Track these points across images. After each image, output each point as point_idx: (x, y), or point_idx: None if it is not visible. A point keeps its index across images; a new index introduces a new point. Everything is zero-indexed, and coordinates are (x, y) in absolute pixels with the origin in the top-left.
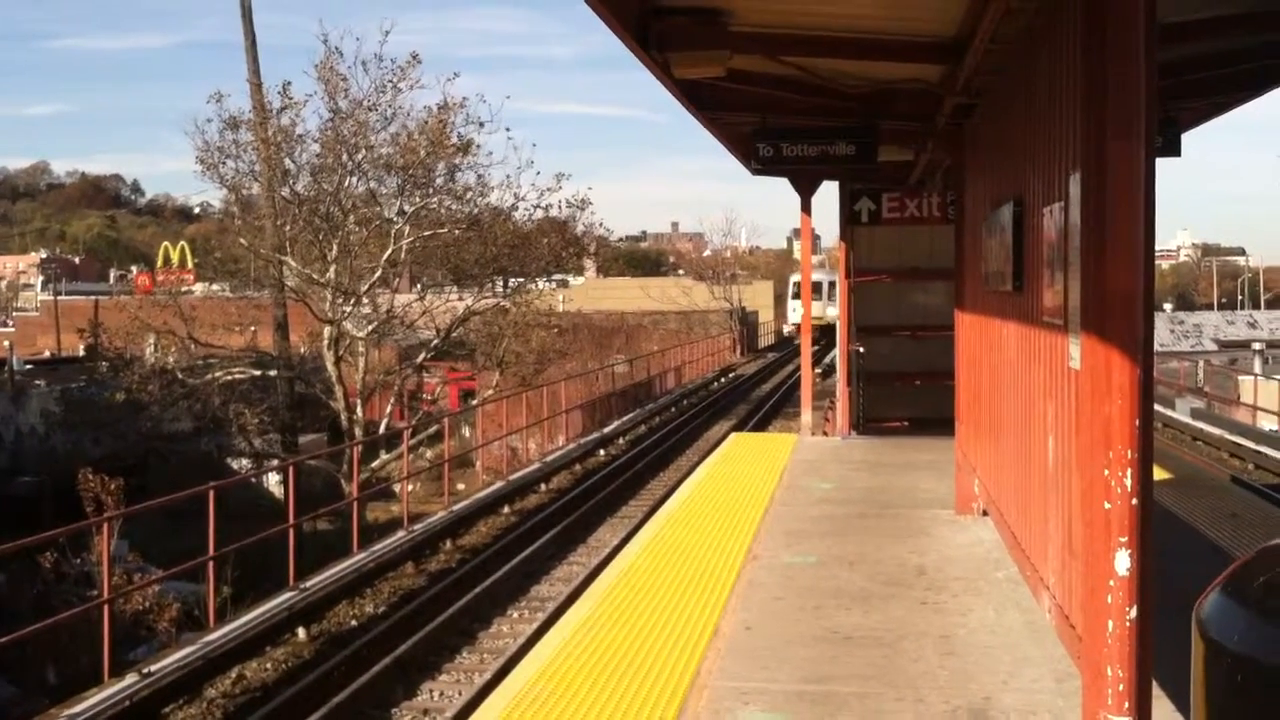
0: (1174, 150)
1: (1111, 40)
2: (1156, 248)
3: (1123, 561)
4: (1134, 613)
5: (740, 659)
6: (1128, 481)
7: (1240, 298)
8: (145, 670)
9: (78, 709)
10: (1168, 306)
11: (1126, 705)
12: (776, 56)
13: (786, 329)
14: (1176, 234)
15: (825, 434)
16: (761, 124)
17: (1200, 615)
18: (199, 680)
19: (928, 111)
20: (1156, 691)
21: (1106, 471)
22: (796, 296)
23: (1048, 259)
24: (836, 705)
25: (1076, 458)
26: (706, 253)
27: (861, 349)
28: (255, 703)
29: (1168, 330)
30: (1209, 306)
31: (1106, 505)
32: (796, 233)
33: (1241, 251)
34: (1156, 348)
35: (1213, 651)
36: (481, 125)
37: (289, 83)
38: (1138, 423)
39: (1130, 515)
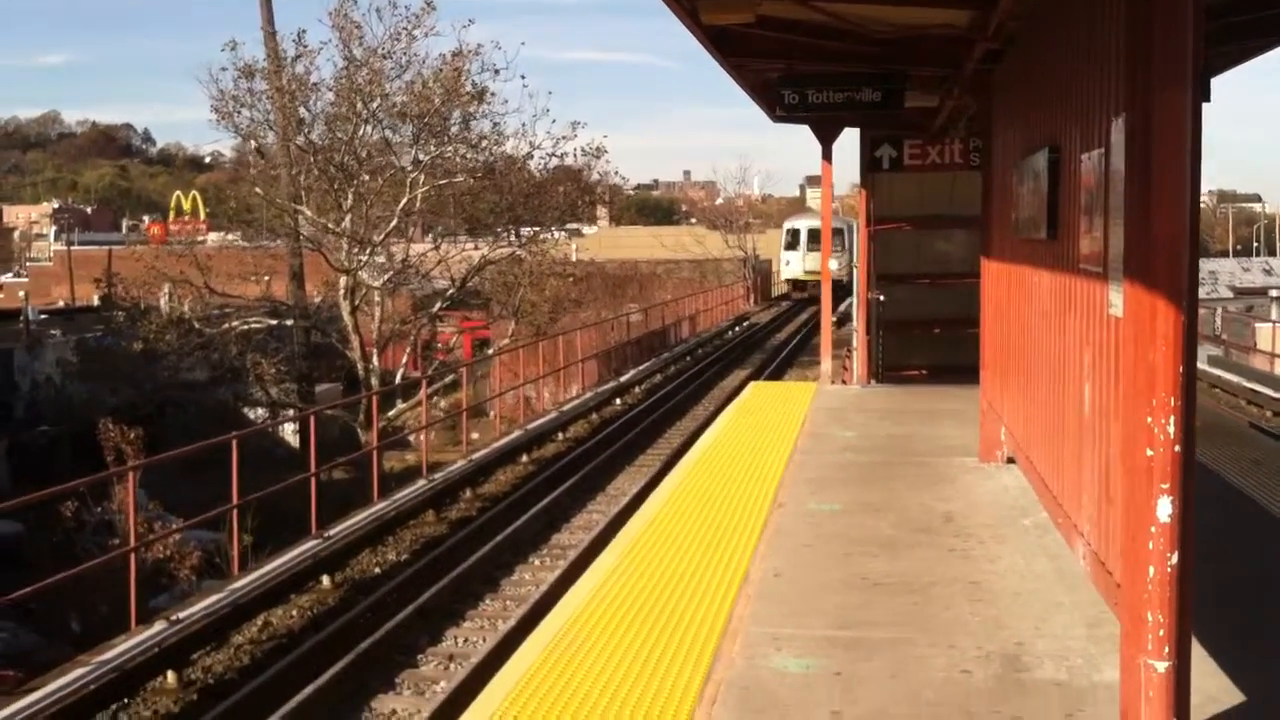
0: (1204, 96)
1: None
2: (1204, 197)
3: (1164, 508)
4: (1175, 559)
5: (771, 605)
6: (1170, 429)
7: (1256, 244)
8: (174, 617)
9: (108, 655)
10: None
11: (1166, 650)
12: (806, 2)
13: (780, 285)
14: None
15: (844, 382)
16: (787, 70)
17: None
18: (226, 627)
19: (956, 57)
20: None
21: (1149, 419)
22: (791, 247)
23: (1085, 206)
24: (869, 650)
25: (1118, 405)
26: (719, 201)
27: (881, 297)
28: (282, 649)
29: None
30: (1224, 253)
31: (1149, 452)
32: (810, 180)
33: (1258, 198)
34: None
35: None
36: (497, 73)
37: (304, 30)
38: (1181, 369)
39: (1173, 462)
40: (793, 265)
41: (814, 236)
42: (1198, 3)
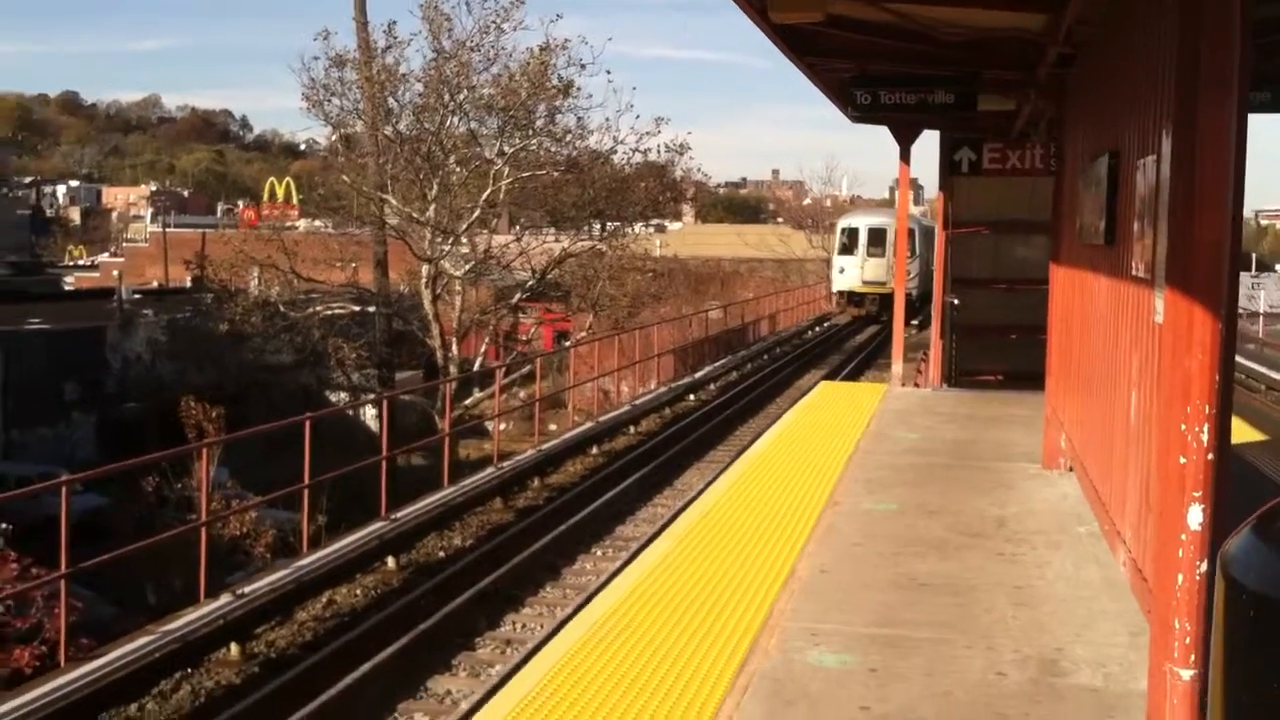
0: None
1: None
2: (1272, 207)
3: (1195, 516)
4: (1204, 567)
5: (814, 601)
6: (1204, 436)
7: None
8: (239, 591)
9: (174, 625)
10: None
11: (1192, 658)
12: (876, 2)
13: (834, 298)
14: None
15: (917, 385)
16: (860, 71)
17: (1224, 556)
18: (290, 603)
19: (1029, 61)
20: None
21: (1183, 426)
22: (847, 250)
23: (1139, 212)
24: (907, 649)
25: (1156, 412)
26: (806, 201)
27: (956, 301)
28: (343, 626)
29: (1279, 291)
30: None
31: (1182, 460)
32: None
33: None
34: (1266, 308)
35: (1232, 590)
36: (583, 67)
37: (394, 22)
38: (1217, 378)
39: (1205, 470)
40: (848, 273)
41: (877, 238)
42: (1245, 17)
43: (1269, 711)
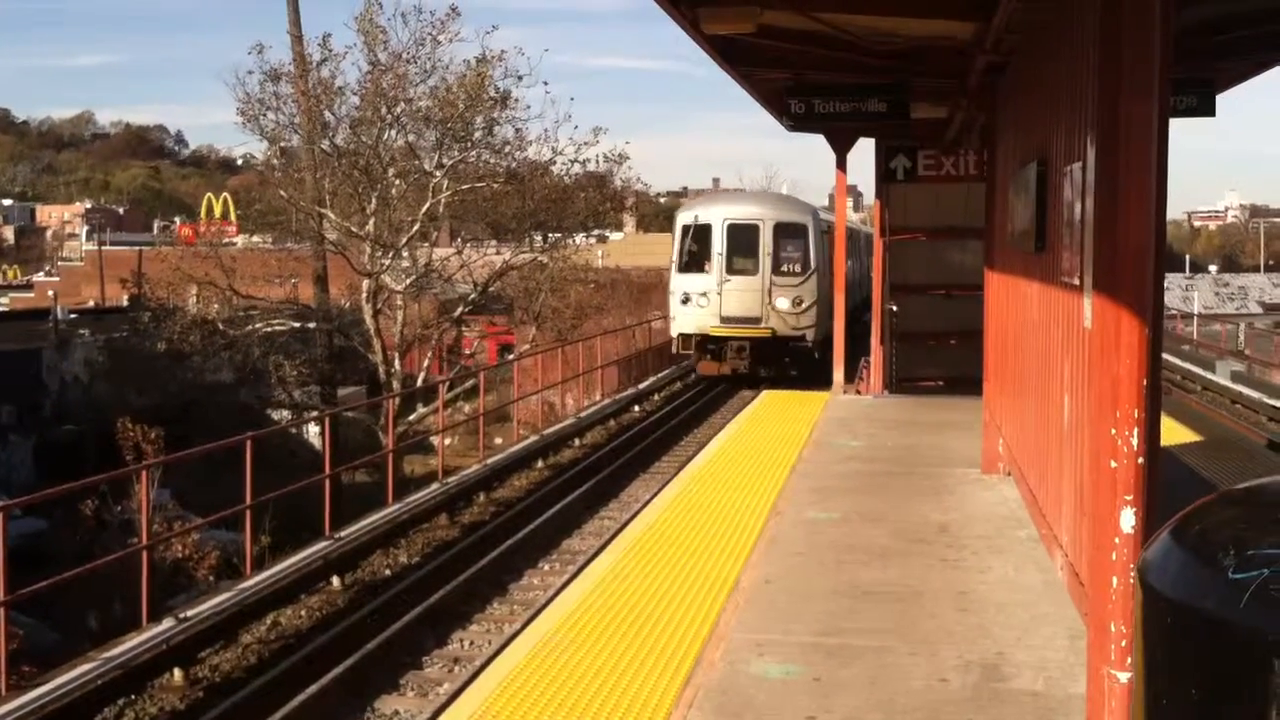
0: (1208, 110)
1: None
2: (1204, 209)
3: (1128, 519)
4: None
5: (758, 611)
6: (1134, 440)
7: None
8: (181, 615)
9: (114, 652)
10: (1213, 268)
11: (1129, 661)
12: (807, 12)
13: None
14: (1225, 195)
15: (859, 392)
16: (794, 80)
17: (1141, 564)
18: (234, 626)
19: (960, 69)
20: None
21: (1113, 430)
22: (692, 266)
23: (1067, 219)
24: (850, 657)
25: (1088, 416)
26: None
27: (895, 308)
28: (289, 648)
29: (1213, 292)
30: (1256, 268)
31: (1113, 464)
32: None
33: None
34: (1200, 309)
35: (1150, 597)
36: (520, 79)
37: (329, 35)
38: (1145, 382)
39: (1136, 473)
40: (693, 306)
41: (743, 242)
42: (1166, 19)
43: (1186, 715)
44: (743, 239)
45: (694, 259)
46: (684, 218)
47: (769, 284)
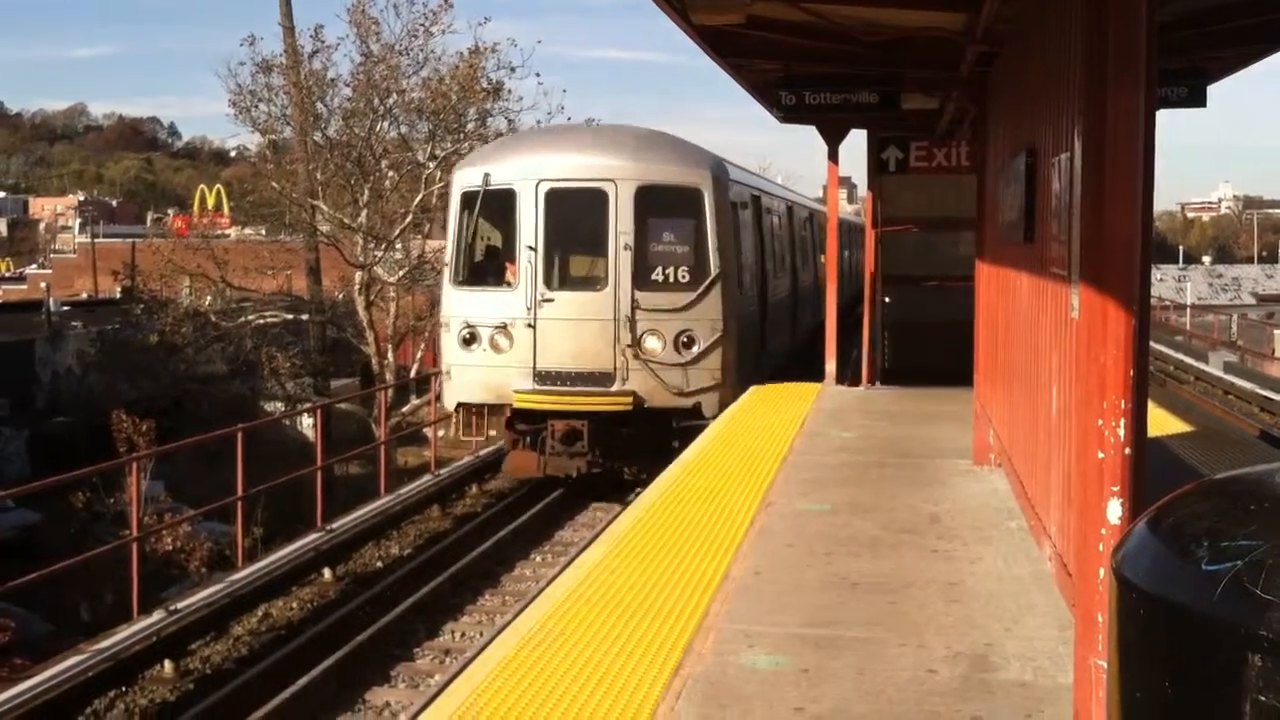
0: (1199, 101)
1: None
2: (1197, 200)
3: (1114, 510)
4: None
5: (748, 603)
6: (1121, 431)
7: None
8: (172, 607)
9: (106, 643)
10: (1206, 259)
11: None
12: (797, 3)
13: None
14: (1218, 186)
15: (851, 384)
16: (785, 71)
17: (1116, 556)
18: (225, 618)
19: (951, 60)
20: None
21: (1100, 421)
22: (475, 279)
23: (1055, 209)
24: (839, 649)
25: (1075, 407)
26: None
27: (888, 299)
28: (280, 640)
29: (1206, 283)
30: (1249, 260)
31: (1100, 455)
32: (842, 181)
33: None
34: (1193, 300)
35: (1124, 589)
36: (513, 70)
37: (321, 26)
38: (1132, 373)
39: (1123, 464)
40: (483, 351)
41: (577, 223)
42: (1152, 12)
43: (1161, 708)
44: (577, 219)
45: (485, 261)
46: (464, 179)
47: (629, 306)
